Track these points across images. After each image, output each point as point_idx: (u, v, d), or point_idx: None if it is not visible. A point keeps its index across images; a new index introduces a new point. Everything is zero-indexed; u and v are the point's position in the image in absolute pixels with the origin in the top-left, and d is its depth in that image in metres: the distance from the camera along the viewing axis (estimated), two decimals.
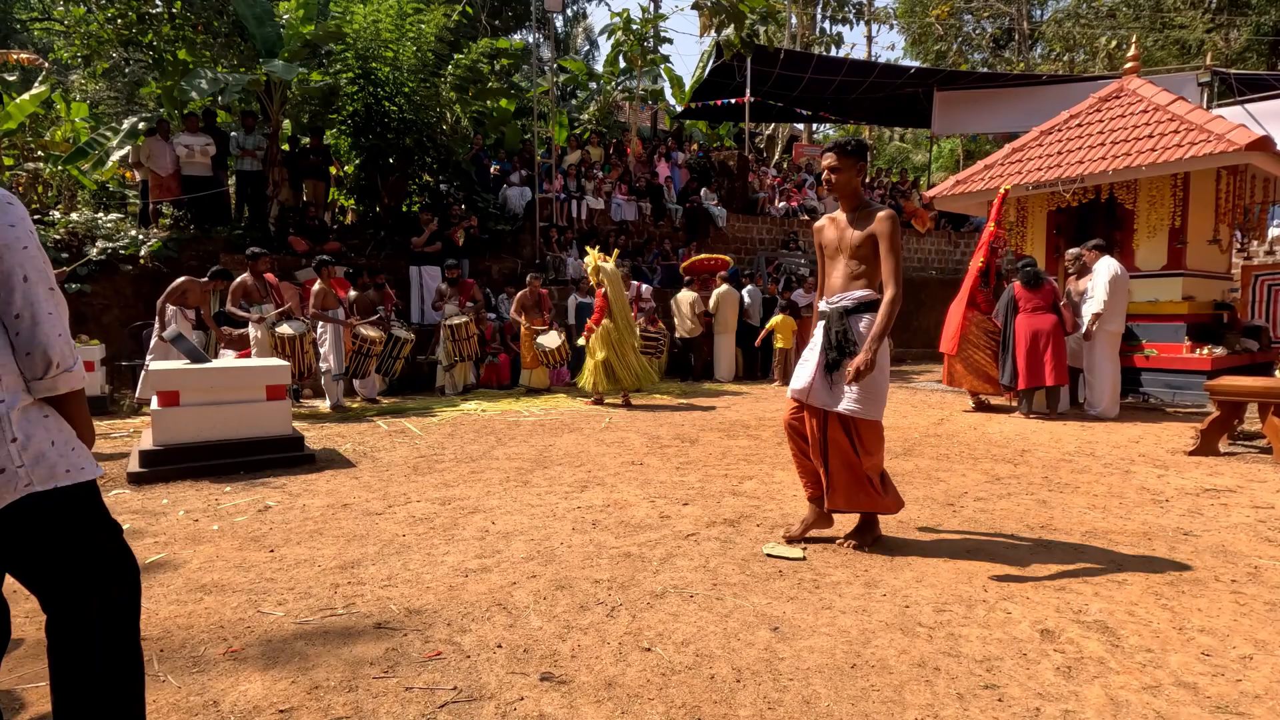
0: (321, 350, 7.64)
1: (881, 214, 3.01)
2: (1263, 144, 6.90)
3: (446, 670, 2.12)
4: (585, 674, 2.10)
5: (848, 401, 3.04)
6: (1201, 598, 2.65)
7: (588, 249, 8.30)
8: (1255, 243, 13.24)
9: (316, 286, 7.64)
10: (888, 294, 2.97)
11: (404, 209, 11.64)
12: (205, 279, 7.27)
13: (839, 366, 3.04)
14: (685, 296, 10.34)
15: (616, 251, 8.47)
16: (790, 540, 3.27)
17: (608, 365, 7.78)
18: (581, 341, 8.19)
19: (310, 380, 7.87)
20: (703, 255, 11.45)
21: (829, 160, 3.04)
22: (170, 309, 7.06)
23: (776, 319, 10.46)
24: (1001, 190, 8.00)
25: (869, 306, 3.07)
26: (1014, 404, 7.39)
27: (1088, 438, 5.91)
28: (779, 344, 10.53)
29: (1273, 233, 13.05)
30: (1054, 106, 11.00)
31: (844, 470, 3.15)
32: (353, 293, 8.19)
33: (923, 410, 7.60)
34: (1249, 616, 2.48)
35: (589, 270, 8.00)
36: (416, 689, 2.02)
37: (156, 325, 7.09)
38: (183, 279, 7.17)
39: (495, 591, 2.72)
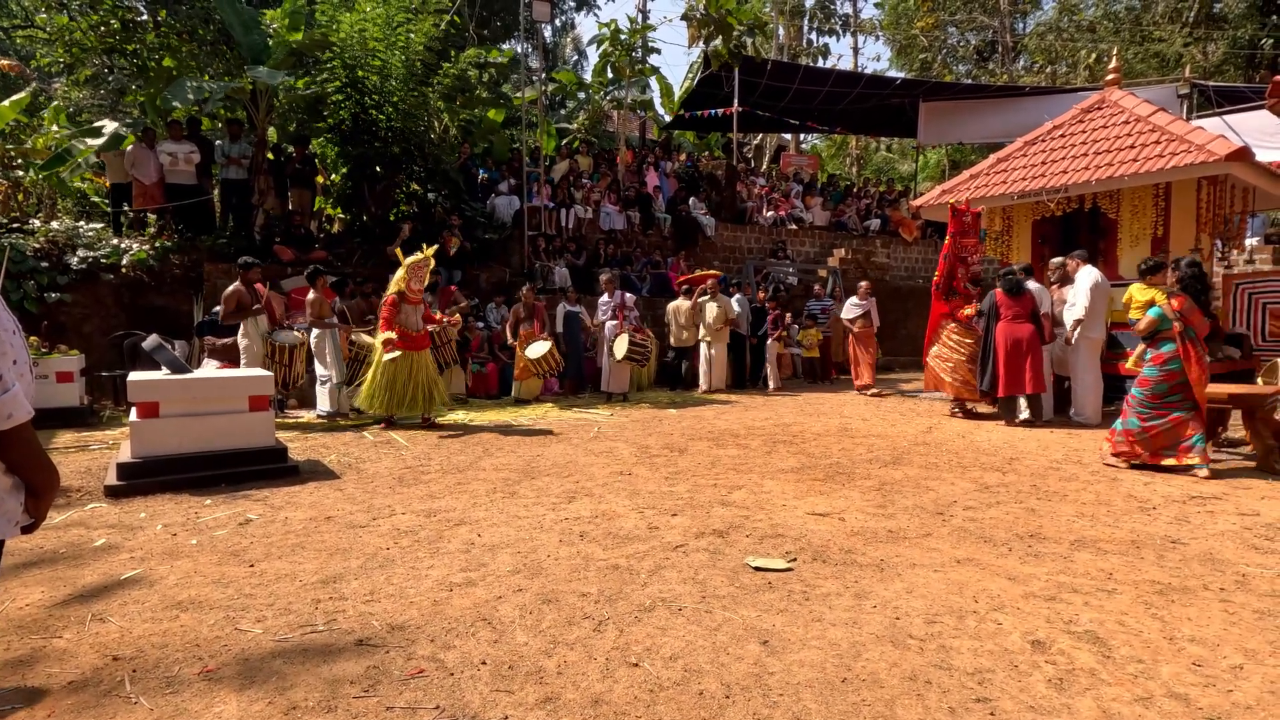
0: (324, 361, 7.53)
1: None
2: (1242, 154, 6.99)
3: (429, 689, 2.07)
4: (571, 691, 2.06)
5: None
6: (1191, 607, 2.64)
7: (387, 249, 6.97)
8: (1235, 252, 13.42)
9: (311, 296, 7.54)
10: None
11: (391, 218, 11.59)
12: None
13: None
14: (682, 305, 10.31)
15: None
16: None
17: (394, 386, 6.71)
18: (383, 352, 6.68)
19: (295, 390, 7.77)
20: (699, 273, 11.40)
21: None
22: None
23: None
24: (949, 204, 8.08)
25: None
26: (996, 410, 7.44)
27: (1074, 445, 5.93)
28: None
29: (1252, 242, 13.24)
30: (1037, 117, 11.12)
31: None
32: (337, 301, 8.12)
33: (910, 418, 7.61)
34: (1238, 625, 2.48)
35: (410, 269, 6.79)
36: (398, 708, 1.97)
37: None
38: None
39: (480, 606, 2.67)
